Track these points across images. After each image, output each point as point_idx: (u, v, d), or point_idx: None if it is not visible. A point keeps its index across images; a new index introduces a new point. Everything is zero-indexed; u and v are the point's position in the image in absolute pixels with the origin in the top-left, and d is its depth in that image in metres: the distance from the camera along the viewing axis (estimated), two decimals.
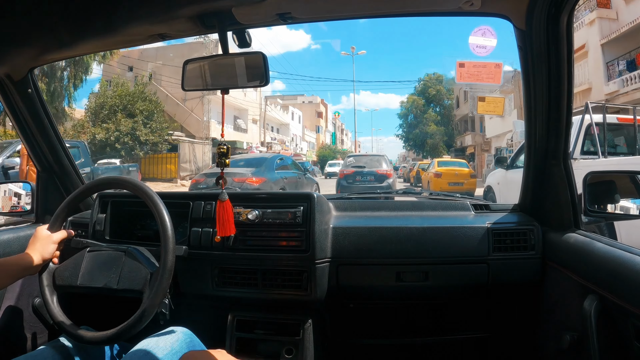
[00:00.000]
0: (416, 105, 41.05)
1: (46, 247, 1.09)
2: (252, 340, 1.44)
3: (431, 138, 38.48)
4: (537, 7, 1.09)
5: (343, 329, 1.61)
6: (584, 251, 1.17)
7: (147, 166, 22.41)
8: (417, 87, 42.95)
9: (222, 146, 1.17)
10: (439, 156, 30.27)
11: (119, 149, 20.29)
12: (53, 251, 1.11)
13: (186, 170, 23.41)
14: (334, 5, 1.16)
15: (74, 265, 1.12)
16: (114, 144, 20.31)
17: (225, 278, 1.40)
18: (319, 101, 59.70)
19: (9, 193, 1.70)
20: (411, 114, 41.92)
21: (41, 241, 1.10)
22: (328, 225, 1.42)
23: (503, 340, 1.59)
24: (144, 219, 1.51)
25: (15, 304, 1.42)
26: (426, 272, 1.39)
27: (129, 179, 1.16)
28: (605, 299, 1.03)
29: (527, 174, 1.45)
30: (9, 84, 1.42)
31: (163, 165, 22.76)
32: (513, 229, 1.41)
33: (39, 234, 1.12)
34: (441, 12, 1.23)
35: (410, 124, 42.09)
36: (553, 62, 1.17)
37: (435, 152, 37.01)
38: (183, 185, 19.90)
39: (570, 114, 1.25)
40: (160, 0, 0.95)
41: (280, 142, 39.24)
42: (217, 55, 1.14)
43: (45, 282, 1.11)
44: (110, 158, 19.75)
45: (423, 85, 41.71)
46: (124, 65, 25.27)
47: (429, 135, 38.66)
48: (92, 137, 20.20)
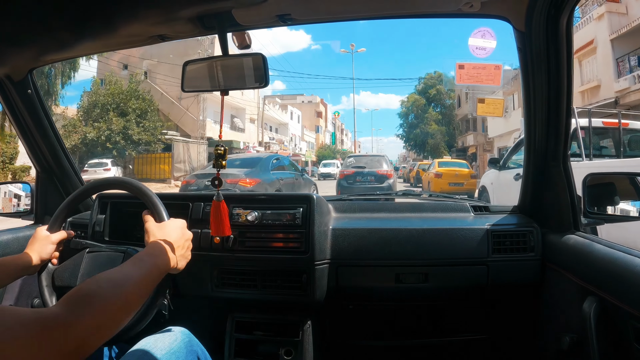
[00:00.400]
0: (417, 104, 40.33)
1: (45, 248, 1.09)
2: (251, 341, 1.44)
3: (432, 138, 37.82)
4: (537, 8, 1.09)
5: (342, 331, 1.60)
6: (584, 253, 1.16)
7: (140, 166, 22.31)
8: (417, 86, 42.29)
9: (220, 147, 1.17)
10: (439, 156, 30.07)
11: (110, 148, 20.21)
12: (52, 252, 1.11)
13: (180, 170, 22.96)
14: (333, 6, 1.17)
15: (73, 266, 1.12)
16: (105, 144, 20.18)
17: (224, 279, 1.40)
18: (319, 101, 58.91)
19: (9, 194, 1.70)
20: (412, 113, 41.30)
21: (40, 242, 1.10)
22: (327, 226, 1.42)
23: (502, 342, 1.59)
24: (143, 220, 1.51)
25: (14, 305, 1.42)
26: (426, 274, 1.39)
27: (129, 180, 1.16)
28: (604, 301, 1.03)
29: (526, 176, 1.45)
30: (9, 85, 1.42)
31: (156, 165, 22.60)
32: (512, 230, 1.41)
33: (38, 235, 1.11)
34: (441, 14, 1.23)
35: (411, 123, 41.42)
36: (553, 63, 1.17)
37: (436, 152, 36.42)
38: (177, 186, 19.71)
39: (570, 116, 1.25)
40: (160, 2, 0.95)
41: (278, 142, 38.55)
42: (217, 57, 1.14)
43: (44, 283, 1.11)
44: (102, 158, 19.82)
45: (424, 84, 40.96)
46: (120, 63, 25.02)
47: (430, 135, 38.00)
48: (84, 137, 20.22)
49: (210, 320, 1.49)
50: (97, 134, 20.04)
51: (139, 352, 0.96)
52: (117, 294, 0.64)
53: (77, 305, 0.58)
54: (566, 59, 1.16)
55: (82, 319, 0.57)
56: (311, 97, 58.56)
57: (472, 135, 32.72)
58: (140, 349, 0.97)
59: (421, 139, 39.21)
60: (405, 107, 42.67)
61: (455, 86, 28.80)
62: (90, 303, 0.60)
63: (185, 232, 0.99)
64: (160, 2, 0.95)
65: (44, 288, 1.11)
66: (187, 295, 1.42)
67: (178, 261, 0.92)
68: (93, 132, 20.06)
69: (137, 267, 0.74)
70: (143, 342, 1.00)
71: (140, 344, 1.00)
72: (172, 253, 0.90)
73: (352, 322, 1.61)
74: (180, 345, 1.03)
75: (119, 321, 0.64)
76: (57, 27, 0.99)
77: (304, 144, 50.46)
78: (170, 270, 0.89)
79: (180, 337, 1.05)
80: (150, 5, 0.96)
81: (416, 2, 1.17)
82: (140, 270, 0.74)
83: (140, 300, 0.71)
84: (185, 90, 1.18)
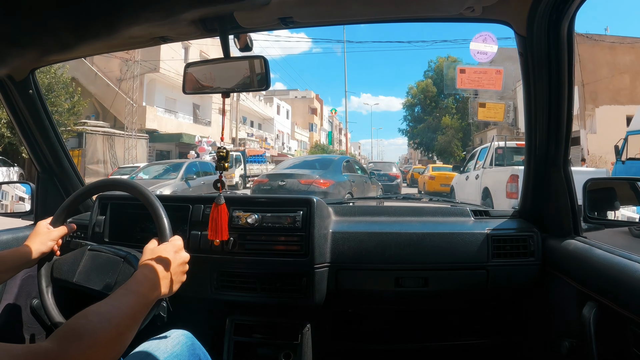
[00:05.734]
0: (426, 92, 33.54)
1: (45, 242, 1.09)
2: (250, 344, 1.44)
3: (443, 134, 31.54)
4: (538, 13, 1.09)
5: (341, 334, 1.60)
6: (584, 258, 1.16)
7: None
8: (426, 73, 35.29)
9: (222, 150, 1.17)
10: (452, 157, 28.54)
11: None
12: (52, 246, 1.10)
13: (97, 173, 16.90)
14: (335, 9, 1.17)
15: (73, 260, 1.11)
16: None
17: (224, 282, 1.40)
18: (313, 96, 52.65)
19: (15, 197, 1.72)
20: (418, 105, 35.12)
21: (41, 235, 1.09)
22: (327, 229, 1.42)
23: (502, 347, 1.58)
24: (143, 222, 1.51)
25: (13, 305, 1.41)
26: (425, 278, 1.39)
27: (132, 181, 1.16)
28: (604, 306, 1.03)
29: (527, 180, 1.44)
30: (10, 85, 1.42)
31: None
32: (512, 235, 1.41)
33: (39, 228, 1.11)
34: (442, 18, 1.23)
35: (417, 117, 35.39)
36: (554, 68, 1.17)
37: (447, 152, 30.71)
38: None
39: (571, 121, 1.25)
40: (162, 4, 0.95)
41: (259, 139, 31.91)
42: (219, 59, 1.14)
43: (43, 272, 1.11)
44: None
45: (437, 69, 33.10)
46: None
47: (440, 130, 31.80)
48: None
49: (209, 322, 1.49)
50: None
51: (141, 354, 0.96)
52: (107, 328, 0.64)
53: (67, 340, 0.59)
54: (567, 64, 1.16)
55: (73, 354, 0.58)
56: (305, 92, 52.35)
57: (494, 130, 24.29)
58: (142, 352, 0.97)
59: (429, 136, 33.47)
60: (412, 96, 36.01)
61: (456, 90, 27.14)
62: (81, 338, 0.60)
63: (181, 256, 0.95)
64: (162, 4, 0.95)
65: (42, 278, 1.10)
66: (186, 298, 1.41)
67: (171, 286, 0.90)
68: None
69: (126, 299, 0.73)
70: (145, 345, 1.00)
71: (142, 346, 0.99)
72: (165, 280, 0.87)
73: (352, 326, 1.61)
74: (183, 349, 1.02)
75: (111, 353, 0.65)
76: (59, 28, 0.99)
77: (294, 143, 44.90)
78: (161, 296, 0.87)
79: (183, 340, 1.05)
80: (152, 7, 0.96)
81: (418, 6, 1.17)
82: (130, 302, 0.73)
83: (131, 331, 0.71)
84: (186, 93, 1.18)
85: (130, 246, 1.19)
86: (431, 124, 33.28)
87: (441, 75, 30.73)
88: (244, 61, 1.11)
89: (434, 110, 33.60)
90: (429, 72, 35.25)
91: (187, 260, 0.96)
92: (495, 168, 7.77)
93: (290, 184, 6.99)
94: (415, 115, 36.07)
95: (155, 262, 0.88)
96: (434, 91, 33.57)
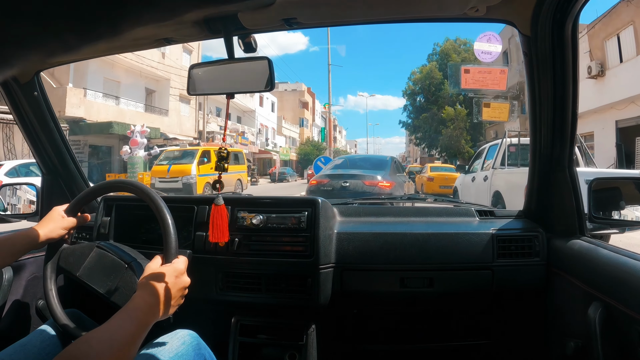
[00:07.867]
0: (431, 78, 29.31)
1: (56, 228, 1.09)
2: (255, 345, 1.44)
3: (448, 127, 27.78)
4: (543, 13, 1.09)
5: (346, 335, 1.60)
6: (589, 258, 1.16)
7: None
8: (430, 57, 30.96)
9: (223, 150, 1.17)
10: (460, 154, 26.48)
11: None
12: (62, 234, 1.11)
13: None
14: (339, 10, 1.17)
15: (80, 253, 1.11)
16: None
17: (229, 282, 1.40)
18: (305, 89, 47.39)
19: (27, 201, 1.74)
20: (421, 94, 30.72)
21: (54, 221, 1.10)
22: (332, 230, 1.42)
23: (507, 347, 1.58)
24: (148, 223, 1.51)
25: (19, 306, 1.42)
26: (431, 278, 1.38)
27: (137, 182, 1.15)
28: (610, 306, 1.02)
29: (532, 180, 1.44)
30: (15, 87, 1.43)
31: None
32: (518, 235, 1.40)
33: (53, 214, 1.12)
34: (446, 18, 1.23)
35: (419, 106, 30.76)
36: (558, 68, 1.17)
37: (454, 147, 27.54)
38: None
39: (576, 121, 1.24)
40: (166, 5, 0.95)
41: (237, 133, 27.07)
42: (223, 60, 1.14)
43: (50, 260, 1.11)
44: None
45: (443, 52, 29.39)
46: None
47: (445, 123, 28.03)
48: None
49: (214, 323, 1.49)
50: None
51: (147, 354, 0.96)
52: (108, 355, 0.67)
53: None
54: (572, 64, 1.15)
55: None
56: (296, 84, 46.51)
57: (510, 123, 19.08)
58: (148, 352, 0.97)
59: (433, 129, 29.31)
60: (414, 83, 31.47)
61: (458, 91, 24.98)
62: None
63: (182, 280, 0.95)
64: (166, 5, 0.95)
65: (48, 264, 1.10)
66: (191, 298, 1.41)
67: (168, 309, 0.90)
68: None
69: (127, 324, 0.75)
70: (151, 345, 1.00)
71: (148, 346, 1.00)
72: (163, 305, 0.87)
73: (357, 326, 1.60)
74: (188, 349, 1.03)
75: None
76: (64, 30, 1.00)
77: (281, 139, 40.00)
78: (158, 319, 0.87)
79: (189, 340, 1.05)
80: (156, 9, 0.97)
81: (422, 6, 1.17)
82: (130, 329, 0.75)
83: (131, 354, 0.73)
84: (190, 94, 1.18)
85: (135, 247, 1.20)
86: (436, 115, 29.23)
87: (447, 59, 27.85)
88: (249, 62, 1.11)
89: (439, 100, 29.55)
90: (434, 57, 31.34)
91: (187, 285, 0.96)
92: (509, 169, 6.85)
93: (353, 185, 6.65)
94: (417, 105, 31.54)
95: (156, 286, 0.88)
96: (439, 77, 29.24)
